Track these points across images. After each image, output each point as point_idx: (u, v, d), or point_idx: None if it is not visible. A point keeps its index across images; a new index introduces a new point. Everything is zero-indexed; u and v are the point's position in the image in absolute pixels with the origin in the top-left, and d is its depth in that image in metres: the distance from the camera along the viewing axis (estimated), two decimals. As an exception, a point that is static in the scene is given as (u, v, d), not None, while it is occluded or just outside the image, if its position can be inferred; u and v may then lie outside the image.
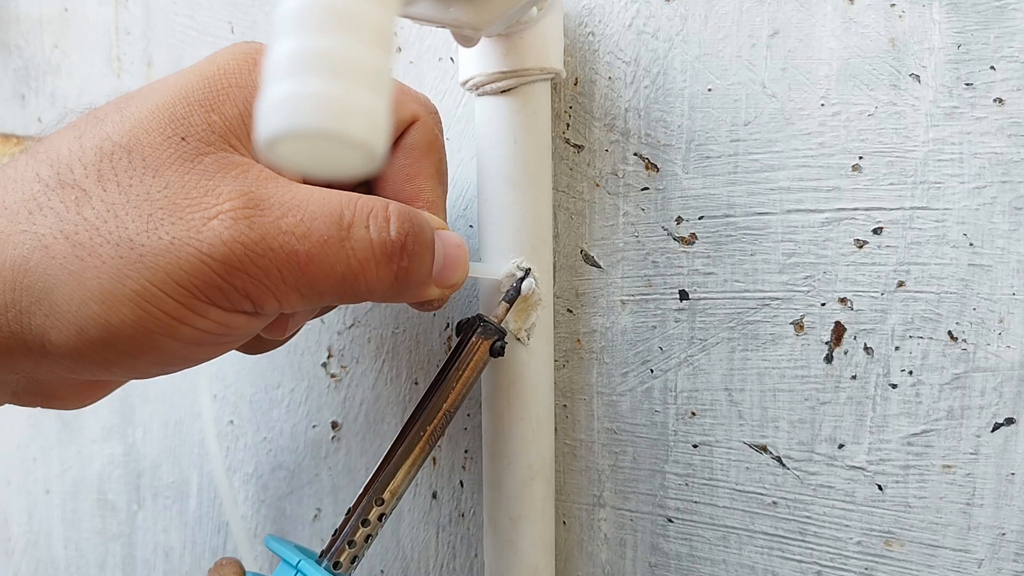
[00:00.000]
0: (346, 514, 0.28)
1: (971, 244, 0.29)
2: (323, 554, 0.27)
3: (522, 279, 0.31)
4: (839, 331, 0.31)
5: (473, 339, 0.29)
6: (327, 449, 0.42)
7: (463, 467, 0.39)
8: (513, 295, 0.31)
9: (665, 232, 0.33)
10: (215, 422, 0.45)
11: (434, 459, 0.39)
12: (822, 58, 0.30)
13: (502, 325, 0.31)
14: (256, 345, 0.29)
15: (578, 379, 0.36)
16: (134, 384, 0.48)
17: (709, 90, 0.32)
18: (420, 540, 0.40)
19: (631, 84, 0.33)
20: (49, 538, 0.53)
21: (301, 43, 0.16)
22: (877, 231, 0.30)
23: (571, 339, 0.35)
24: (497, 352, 0.30)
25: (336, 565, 0.26)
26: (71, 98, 0.47)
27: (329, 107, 0.15)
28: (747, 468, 0.33)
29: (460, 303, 0.38)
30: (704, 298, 0.33)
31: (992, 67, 0.28)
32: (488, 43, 0.30)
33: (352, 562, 0.27)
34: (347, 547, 0.27)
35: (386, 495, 0.27)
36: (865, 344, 0.30)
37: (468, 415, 0.38)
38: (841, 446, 0.31)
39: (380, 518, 0.28)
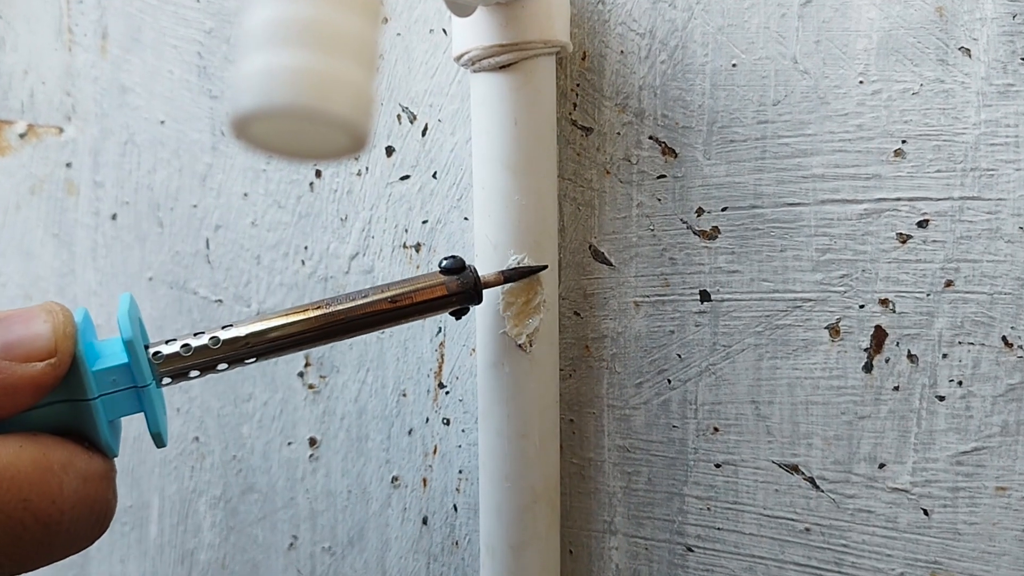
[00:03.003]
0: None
1: (1028, 238, 0.29)
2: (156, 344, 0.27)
3: (535, 268, 0.31)
4: (880, 336, 0.31)
5: (446, 280, 0.29)
6: (304, 469, 0.42)
7: (457, 489, 0.39)
8: (514, 275, 0.31)
9: (684, 225, 0.33)
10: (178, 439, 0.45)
11: (424, 480, 0.39)
12: (860, 29, 0.30)
13: (487, 290, 0.31)
14: None
15: (586, 390, 0.36)
16: (86, 396, 0.47)
17: (733, 65, 0.32)
18: (409, 571, 0.40)
19: (646, 59, 0.33)
20: (-10, 570, 0.52)
21: (278, 9, 0.16)
22: (922, 224, 0.30)
23: (578, 345, 0.35)
24: (456, 313, 0.30)
25: (156, 355, 0.26)
26: (16, 75, 0.47)
27: (309, 82, 0.15)
28: (776, 490, 0.33)
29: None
30: (728, 299, 0.33)
31: (1051, 40, 0.28)
32: (485, 12, 0.30)
33: (173, 367, 0.26)
34: (180, 350, 0.26)
35: (250, 333, 0.27)
36: (909, 351, 0.30)
37: (463, 431, 0.38)
38: (882, 466, 0.31)
39: (221, 348, 0.26)
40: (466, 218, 0.37)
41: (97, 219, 0.46)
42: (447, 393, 0.39)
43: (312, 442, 0.42)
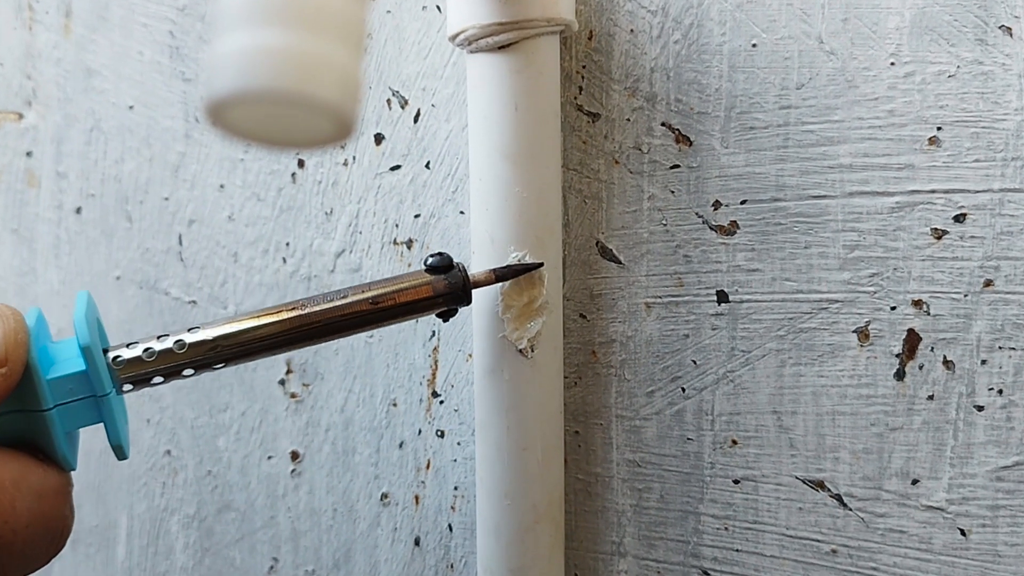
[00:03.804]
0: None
1: (1074, 234, 0.29)
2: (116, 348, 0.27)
3: (529, 266, 0.31)
4: (913, 341, 0.31)
5: (432, 280, 0.29)
6: (285, 486, 0.42)
7: (452, 507, 0.39)
8: (506, 273, 0.31)
9: (700, 220, 0.33)
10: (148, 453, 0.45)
11: (416, 497, 0.39)
12: (892, 6, 0.30)
13: (484, 290, 0.31)
14: None
15: (593, 400, 0.36)
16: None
17: (753, 45, 0.32)
18: (399, 597, 0.40)
19: (658, 38, 0.33)
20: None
21: (257, -16, 0.16)
22: (959, 218, 0.30)
23: (584, 351, 0.35)
24: (443, 315, 0.30)
25: (116, 360, 0.26)
26: (-28, 56, 0.47)
27: (291, 63, 0.15)
28: (800, 509, 0.33)
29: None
30: (747, 300, 0.33)
31: (1100, 18, 0.28)
32: (483, -12, 0.30)
33: (134, 373, 0.27)
34: (142, 355, 0.26)
35: (218, 336, 0.27)
36: (944, 357, 0.30)
37: (458, 444, 0.38)
38: (915, 482, 0.31)
39: (187, 352, 0.27)
40: (462, 212, 0.37)
41: (60, 213, 0.46)
42: (441, 403, 0.39)
43: (294, 456, 0.42)
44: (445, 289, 0.29)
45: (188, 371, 0.27)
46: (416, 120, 0.38)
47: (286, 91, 0.15)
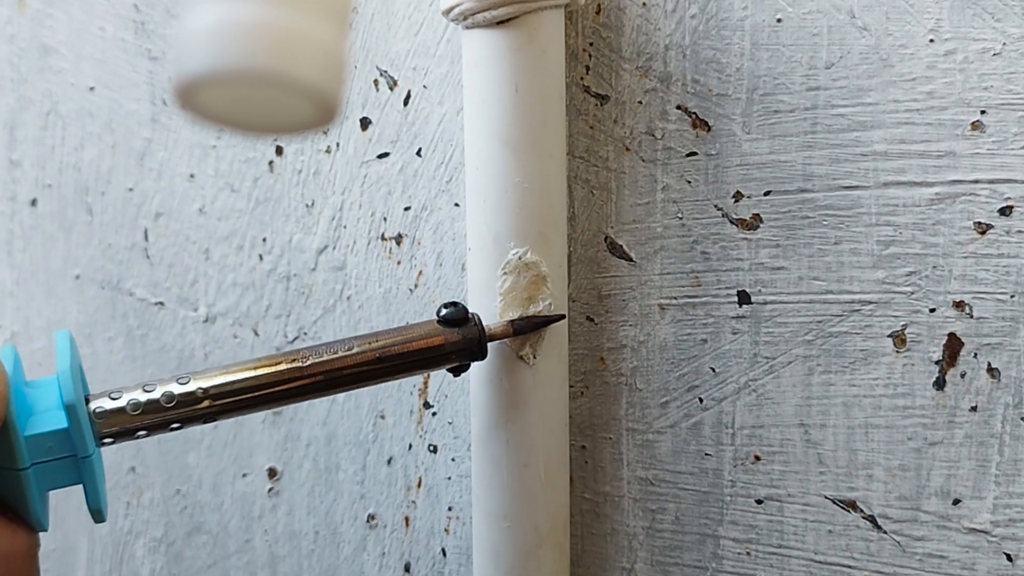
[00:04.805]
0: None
1: None
2: (97, 398, 0.27)
3: (551, 318, 0.32)
4: (954, 346, 0.31)
5: (445, 332, 0.30)
6: (262, 506, 0.42)
7: (446, 530, 0.39)
8: (524, 326, 0.31)
9: (719, 212, 0.33)
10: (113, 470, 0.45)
11: (406, 519, 0.39)
12: (931, -22, 0.30)
13: (491, 342, 0.31)
14: None
15: (601, 411, 0.36)
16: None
17: (778, 20, 0.32)
18: (388, 629, 0.40)
19: (673, 12, 0.33)
20: None
21: (231, -47, 0.16)
22: (1005, 211, 0.30)
23: (592, 357, 0.35)
24: (455, 370, 0.31)
25: (98, 413, 0.27)
26: (-84, 32, 0.47)
27: (269, 39, 0.15)
28: (830, 531, 0.33)
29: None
30: (772, 302, 0.33)
31: None
32: (481, -43, 0.30)
33: (117, 427, 0.27)
34: (127, 407, 0.27)
35: (210, 388, 0.27)
36: (989, 364, 0.30)
37: (453, 460, 0.38)
38: (957, 502, 0.31)
39: (175, 406, 0.27)
40: (457, 204, 0.37)
41: (13, 205, 0.46)
42: (434, 414, 0.39)
43: (272, 473, 0.42)
44: (460, 344, 0.30)
45: (175, 425, 0.28)
46: (406, 103, 0.38)
47: (263, 70, 0.15)
